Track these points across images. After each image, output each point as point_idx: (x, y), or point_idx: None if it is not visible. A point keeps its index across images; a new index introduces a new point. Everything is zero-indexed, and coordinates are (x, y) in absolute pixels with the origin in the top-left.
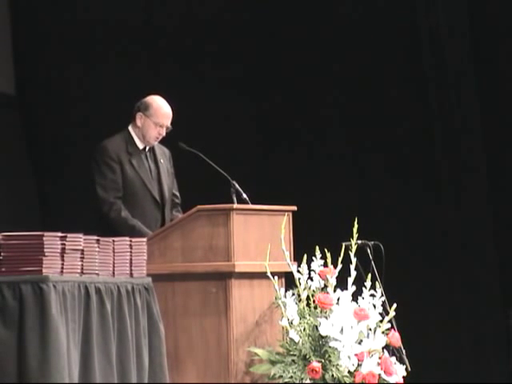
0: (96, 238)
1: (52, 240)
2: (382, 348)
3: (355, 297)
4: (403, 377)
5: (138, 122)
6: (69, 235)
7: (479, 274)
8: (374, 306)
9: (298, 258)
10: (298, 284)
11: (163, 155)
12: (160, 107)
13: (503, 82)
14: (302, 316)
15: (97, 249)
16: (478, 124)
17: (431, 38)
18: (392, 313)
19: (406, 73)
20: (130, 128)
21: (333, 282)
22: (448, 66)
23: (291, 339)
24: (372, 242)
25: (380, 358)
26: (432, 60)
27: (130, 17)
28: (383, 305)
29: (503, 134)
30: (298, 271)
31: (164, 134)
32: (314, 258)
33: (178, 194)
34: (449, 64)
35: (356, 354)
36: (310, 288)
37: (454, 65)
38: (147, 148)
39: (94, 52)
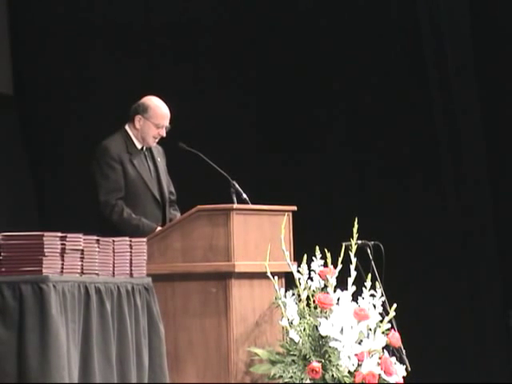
0: (96, 238)
1: (52, 240)
2: (382, 348)
3: (355, 297)
4: (403, 377)
5: (137, 125)
6: (69, 235)
7: (479, 274)
8: (374, 306)
9: (298, 258)
10: (297, 284)
11: (159, 153)
12: (159, 108)
13: (504, 75)
14: (302, 316)
15: (97, 249)
16: (480, 126)
17: (432, 31)
18: (392, 313)
19: (407, 72)
20: (128, 128)
21: (333, 282)
22: (448, 63)
23: (291, 339)
24: (372, 242)
25: (380, 358)
26: (432, 55)
27: (130, 17)
28: (383, 305)
29: (505, 135)
30: (298, 271)
31: (164, 134)
32: (313, 258)
33: (173, 190)
34: (449, 62)
35: (356, 354)
36: (310, 288)
37: (455, 60)
38: (144, 147)
39: (93, 52)
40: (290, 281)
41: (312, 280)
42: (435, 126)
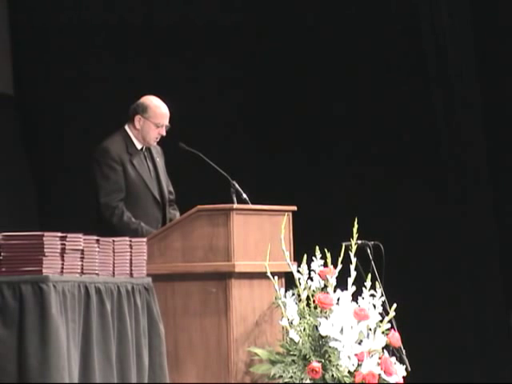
0: (96, 238)
1: (52, 240)
2: (382, 348)
3: (355, 297)
4: (403, 377)
5: (137, 125)
6: (69, 235)
7: (480, 274)
8: (374, 306)
9: (298, 258)
10: (297, 284)
11: (158, 153)
12: (158, 107)
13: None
14: (302, 316)
15: (97, 249)
16: (481, 124)
17: (432, 30)
18: (392, 313)
19: (407, 72)
20: (127, 128)
21: (333, 282)
22: (449, 62)
23: (291, 339)
24: (372, 242)
25: (380, 358)
26: (433, 52)
27: (130, 17)
28: (383, 305)
29: (507, 136)
30: (298, 271)
31: (164, 133)
32: (314, 258)
33: (172, 190)
34: (450, 61)
35: (356, 354)
36: (310, 288)
37: (456, 59)
38: (144, 148)
39: (93, 52)
40: (290, 281)
41: (312, 280)
42: (436, 126)
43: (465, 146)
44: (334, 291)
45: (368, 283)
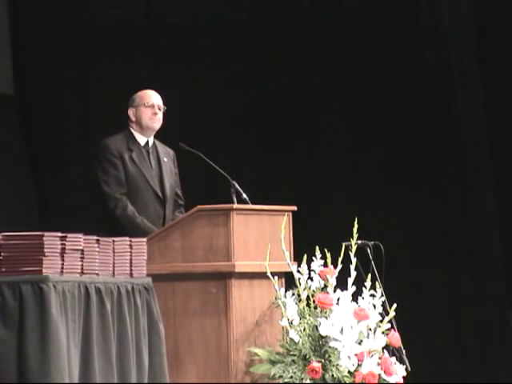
0: (96, 238)
1: (52, 240)
2: (382, 348)
3: (355, 297)
4: (403, 377)
5: (132, 117)
6: (69, 235)
7: (480, 274)
8: (374, 306)
9: (298, 258)
10: (298, 284)
11: (167, 155)
12: (143, 92)
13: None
14: (302, 316)
15: (97, 249)
16: (484, 124)
17: (433, 29)
18: (392, 313)
19: (407, 72)
20: (130, 127)
21: (333, 282)
22: (452, 64)
23: (291, 339)
24: (372, 242)
25: (380, 358)
26: (433, 52)
27: (130, 17)
28: (383, 305)
29: (509, 138)
30: (298, 271)
31: (157, 112)
32: (314, 258)
33: (180, 194)
34: (452, 63)
35: (356, 354)
36: (310, 288)
37: (459, 63)
38: (150, 144)
39: (93, 52)
40: (290, 281)
41: (312, 280)
42: (436, 126)
43: (465, 146)
44: (334, 291)
45: (368, 283)
